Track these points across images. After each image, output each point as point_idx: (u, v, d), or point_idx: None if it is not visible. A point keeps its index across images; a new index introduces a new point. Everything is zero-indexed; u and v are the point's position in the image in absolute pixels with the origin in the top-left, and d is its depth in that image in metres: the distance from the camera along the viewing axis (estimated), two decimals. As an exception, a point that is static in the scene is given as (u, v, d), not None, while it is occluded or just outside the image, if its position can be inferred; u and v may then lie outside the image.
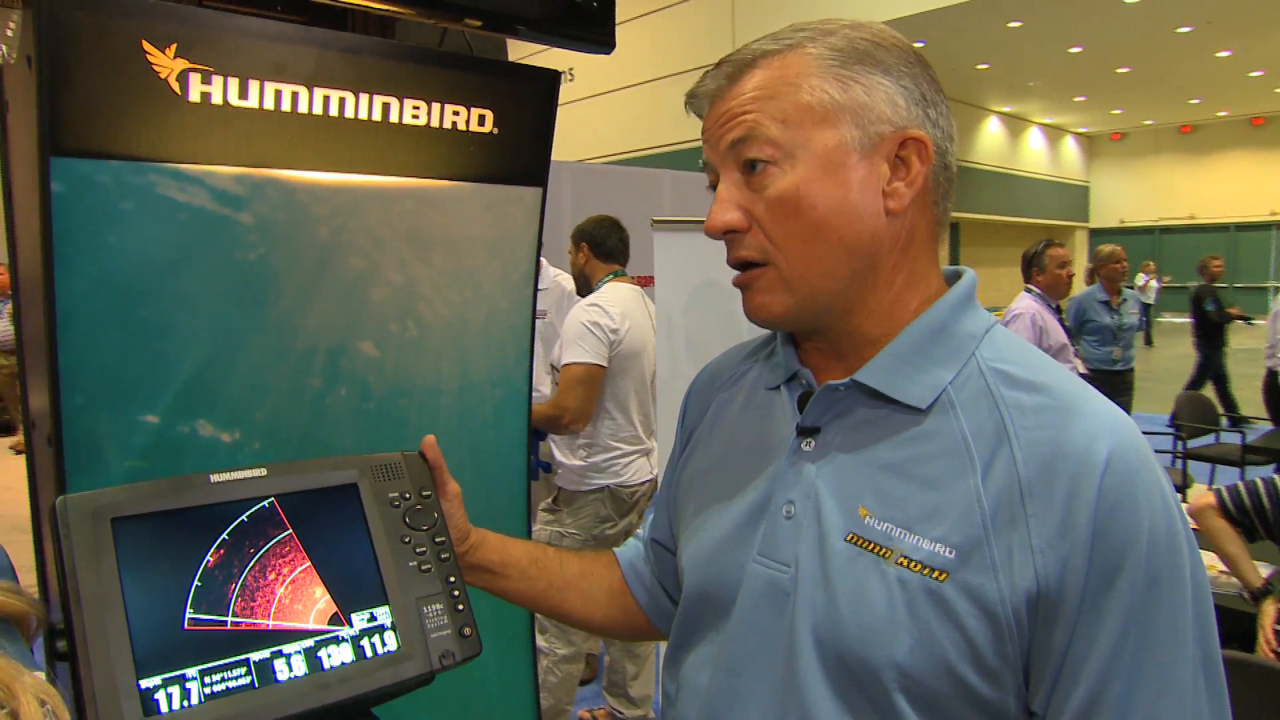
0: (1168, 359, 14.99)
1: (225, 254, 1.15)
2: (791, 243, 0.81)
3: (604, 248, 3.52)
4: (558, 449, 3.38)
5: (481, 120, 1.36)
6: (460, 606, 1.01)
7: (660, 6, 13.80)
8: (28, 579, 1.03)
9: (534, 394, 3.92)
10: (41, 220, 1.01)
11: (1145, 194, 23.30)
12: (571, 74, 14.58)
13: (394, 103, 1.26)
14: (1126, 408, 5.03)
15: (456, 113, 1.33)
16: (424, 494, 1.06)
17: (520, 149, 1.43)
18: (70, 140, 1.01)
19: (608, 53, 1.62)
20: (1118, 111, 20.64)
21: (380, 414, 1.34)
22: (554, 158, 1.52)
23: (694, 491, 1.02)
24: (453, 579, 1.02)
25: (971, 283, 0.88)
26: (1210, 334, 7.96)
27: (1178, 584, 0.71)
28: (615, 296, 3.43)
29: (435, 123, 1.30)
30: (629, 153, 14.80)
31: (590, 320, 3.19)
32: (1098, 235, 22.90)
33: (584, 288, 3.58)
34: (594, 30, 1.57)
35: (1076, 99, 18.84)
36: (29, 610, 0.74)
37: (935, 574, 0.75)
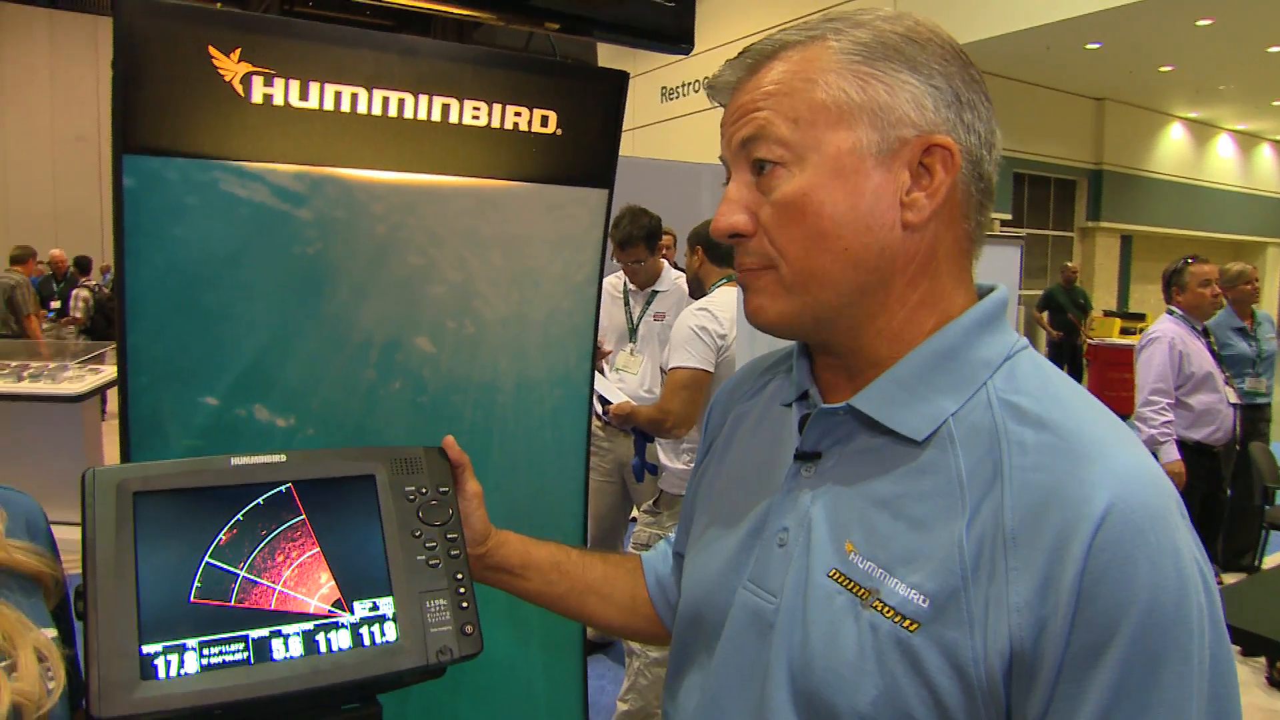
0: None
1: (284, 248, 1.21)
2: (794, 249, 0.75)
3: (719, 251, 3.49)
4: (663, 452, 3.38)
5: (544, 121, 1.37)
6: (464, 604, 1.01)
7: (811, 11, 13.54)
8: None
9: (648, 395, 3.94)
10: (114, 213, 1.10)
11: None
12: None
13: (454, 103, 1.28)
14: (1266, 443, 4.52)
15: (518, 113, 1.34)
16: (441, 490, 1.07)
17: (585, 150, 1.43)
18: (141, 138, 1.09)
19: (686, 53, 1.60)
20: (1332, 114, 18.61)
21: (434, 408, 1.37)
22: (696, 159, 1.50)
23: (704, 506, 0.99)
24: (460, 575, 1.03)
25: (997, 303, 0.79)
26: None
27: (1183, 670, 0.61)
28: (725, 301, 3.39)
29: (496, 123, 1.32)
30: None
31: (698, 325, 3.16)
32: (1292, 252, 20.77)
33: (697, 291, 3.56)
34: (673, 31, 1.56)
35: (1276, 103, 17.12)
36: (45, 570, 0.79)
37: (907, 623, 0.68)
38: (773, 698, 0.76)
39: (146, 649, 0.86)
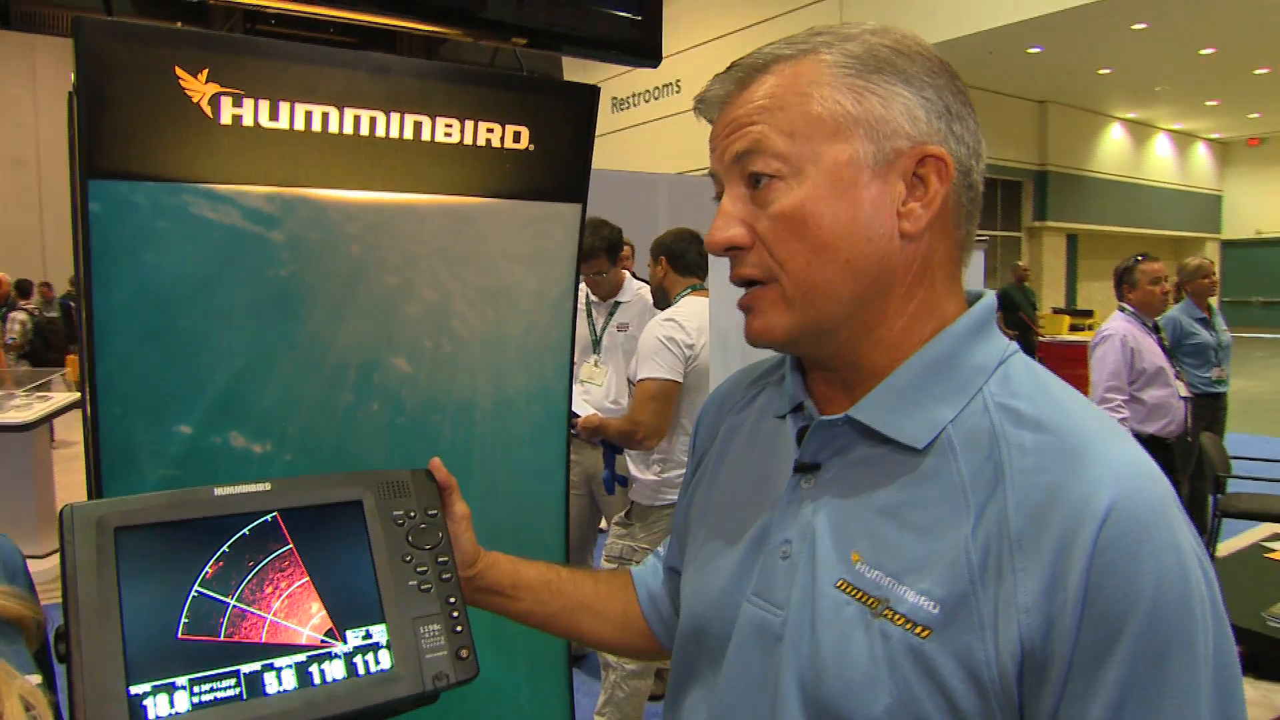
0: (1307, 381, 13.87)
1: (257, 271, 1.19)
2: (795, 263, 0.76)
3: (682, 261, 3.50)
4: (633, 464, 3.37)
5: (517, 137, 1.36)
6: (458, 628, 1.00)
7: (764, 18, 13.71)
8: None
9: (614, 407, 3.94)
10: (81, 239, 1.07)
11: (1286, 203, 21.69)
12: (679, 85, 14.63)
13: (426, 121, 1.27)
14: (1221, 432, 4.68)
15: (490, 130, 1.33)
16: (429, 513, 1.06)
17: (558, 165, 1.43)
18: (107, 163, 1.06)
19: (654, 66, 1.61)
20: (1255, 115, 19.29)
21: (413, 429, 1.36)
22: (653, 169, 1.51)
23: (700, 521, 0.99)
24: (453, 599, 1.02)
25: (986, 309, 0.80)
26: None
27: (1189, 661, 0.62)
28: (692, 311, 3.40)
29: (469, 140, 1.31)
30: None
31: (666, 335, 3.17)
32: (1231, 247, 21.47)
33: (662, 301, 3.57)
34: (641, 46, 1.56)
35: (1209, 103, 17.72)
36: (27, 614, 0.76)
37: (918, 630, 0.69)
38: (784, 710, 0.76)
39: (135, 690, 0.83)
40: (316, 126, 1.18)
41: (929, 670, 0.67)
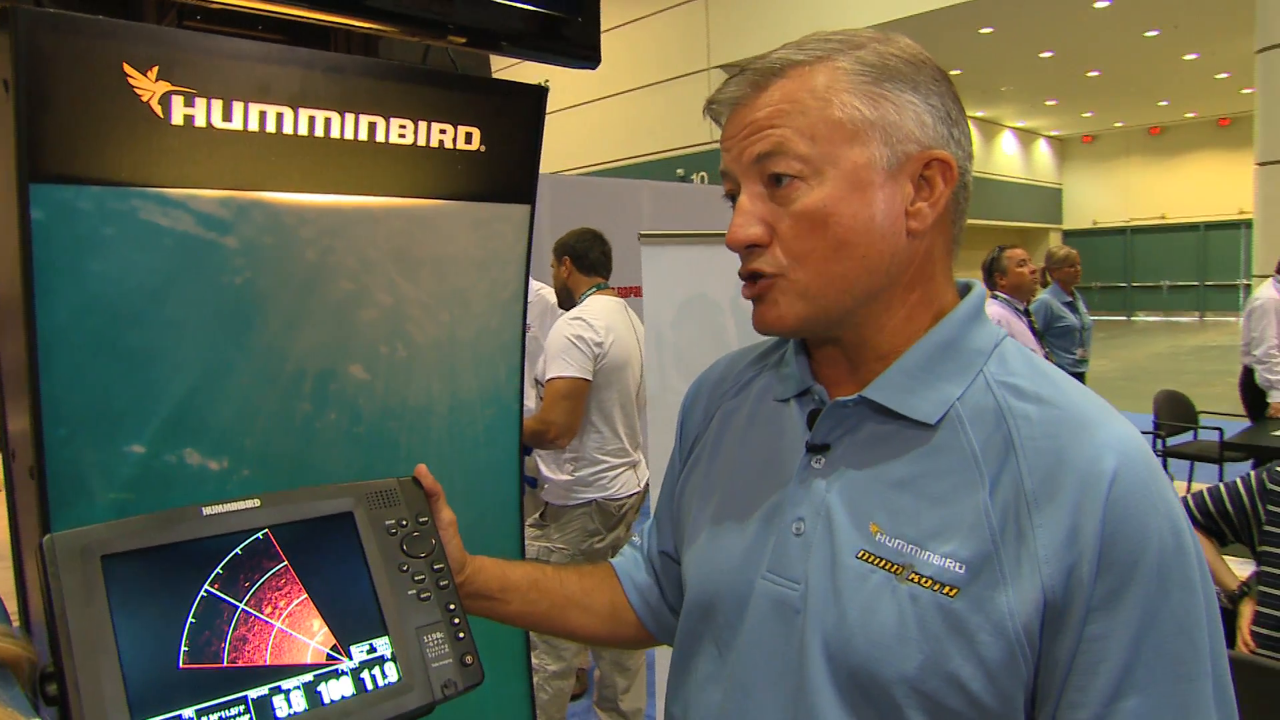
0: (1142, 357, 15.17)
1: (211, 278, 1.13)
2: (813, 258, 0.81)
3: (586, 260, 3.51)
4: (544, 464, 3.36)
5: (469, 138, 1.35)
6: (461, 634, 0.99)
7: (636, 17, 13.84)
8: (9, 606, 1.00)
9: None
10: (21, 248, 0.99)
11: (1116, 195, 23.61)
12: (547, 84, 14.58)
13: (380, 122, 1.24)
14: None
15: (443, 131, 1.31)
16: (420, 520, 1.04)
17: (508, 166, 1.42)
18: (50, 166, 0.99)
19: (593, 68, 1.62)
20: (1088, 114, 20.91)
21: (371, 437, 1.32)
22: (542, 169, 1.51)
23: (700, 503, 1.01)
24: (452, 606, 1.01)
25: (980, 297, 0.88)
26: None
27: (1190, 596, 0.71)
28: (599, 309, 3.42)
29: (422, 141, 1.29)
30: (606, 164, 14.80)
31: (574, 334, 3.18)
32: (1071, 236, 23.16)
33: (567, 301, 3.57)
34: (579, 46, 1.56)
35: (1048, 103, 19.08)
36: (22, 654, 0.71)
37: (946, 590, 0.75)
38: (812, 678, 0.81)
39: (140, 726, 0.79)
40: (271, 127, 1.14)
41: (958, 626, 0.74)
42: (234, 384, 1.17)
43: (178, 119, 1.07)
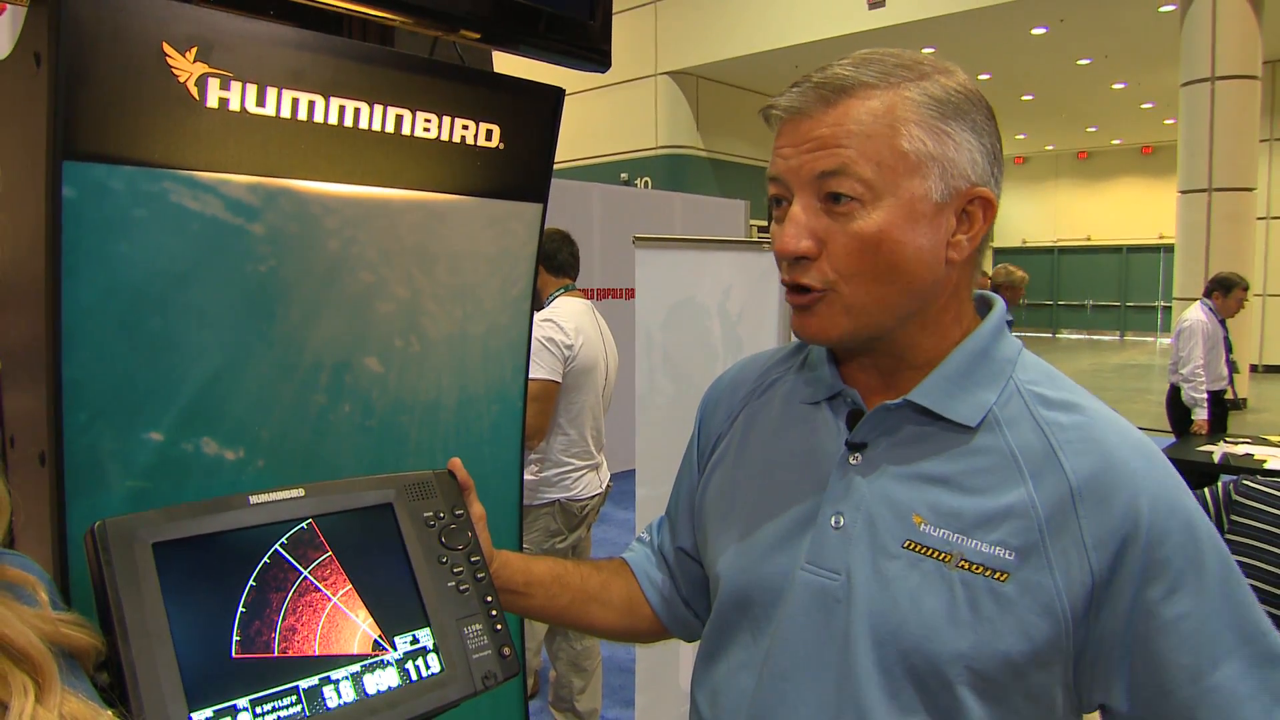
0: (1068, 374, 15.68)
1: (236, 265, 1.11)
2: (862, 278, 0.86)
3: (554, 262, 3.51)
4: (509, 463, 3.34)
5: (489, 135, 1.35)
6: (498, 626, 1.00)
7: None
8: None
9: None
10: (49, 227, 0.96)
11: (1046, 216, 24.46)
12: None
13: (406, 115, 1.23)
14: None
15: (466, 127, 1.31)
16: (456, 513, 1.05)
17: (524, 165, 1.42)
18: (84, 143, 0.96)
19: (603, 71, 1.63)
20: (1021, 137, 21.63)
21: (382, 431, 1.31)
22: None
23: (728, 501, 1.05)
24: (490, 599, 1.01)
25: (1004, 311, 0.95)
26: None
27: (1228, 566, 0.81)
28: (568, 311, 3.42)
29: (445, 136, 1.28)
30: (556, 165, 14.73)
31: (545, 336, 3.18)
32: (1001, 254, 23.90)
33: (534, 303, 3.55)
34: (591, 49, 1.58)
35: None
36: (91, 642, 0.70)
37: (997, 575, 0.81)
38: (858, 664, 0.86)
39: (196, 716, 0.79)
40: (303, 115, 1.12)
41: (1010, 608, 0.80)
42: (253, 373, 1.15)
43: (213, 102, 1.05)
